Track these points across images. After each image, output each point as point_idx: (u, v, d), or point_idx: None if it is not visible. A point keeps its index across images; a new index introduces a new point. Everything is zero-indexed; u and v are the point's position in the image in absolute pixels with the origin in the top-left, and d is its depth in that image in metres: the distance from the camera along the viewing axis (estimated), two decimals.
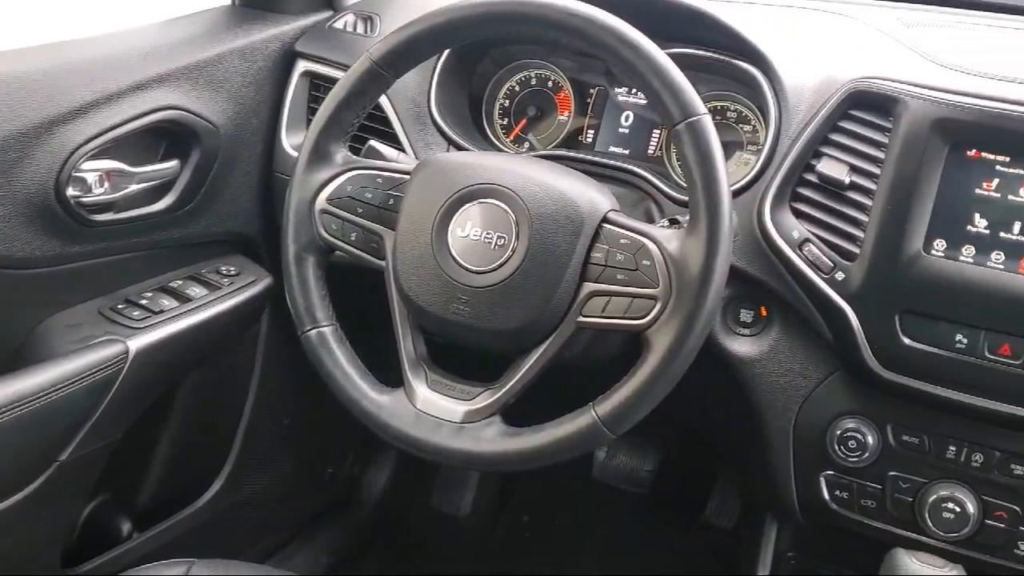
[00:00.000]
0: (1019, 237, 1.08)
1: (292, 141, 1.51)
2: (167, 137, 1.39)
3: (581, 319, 1.06)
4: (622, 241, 1.05)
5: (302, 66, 1.51)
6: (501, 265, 1.07)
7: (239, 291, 1.46)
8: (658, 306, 1.01)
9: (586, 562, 2.03)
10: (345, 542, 2.01)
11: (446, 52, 1.42)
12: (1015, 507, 1.14)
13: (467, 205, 1.09)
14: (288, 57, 1.53)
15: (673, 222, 1.20)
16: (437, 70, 1.42)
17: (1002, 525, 1.15)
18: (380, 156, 1.26)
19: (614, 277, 1.04)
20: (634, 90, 1.43)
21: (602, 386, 1.04)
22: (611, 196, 1.11)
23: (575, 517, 2.12)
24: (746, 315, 1.28)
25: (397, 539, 2.12)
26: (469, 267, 1.08)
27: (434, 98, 1.41)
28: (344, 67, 1.16)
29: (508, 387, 1.09)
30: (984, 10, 1.42)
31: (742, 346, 1.27)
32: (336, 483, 1.99)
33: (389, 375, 1.16)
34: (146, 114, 1.31)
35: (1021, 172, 1.08)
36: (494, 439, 1.07)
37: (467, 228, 1.09)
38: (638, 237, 1.04)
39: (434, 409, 1.10)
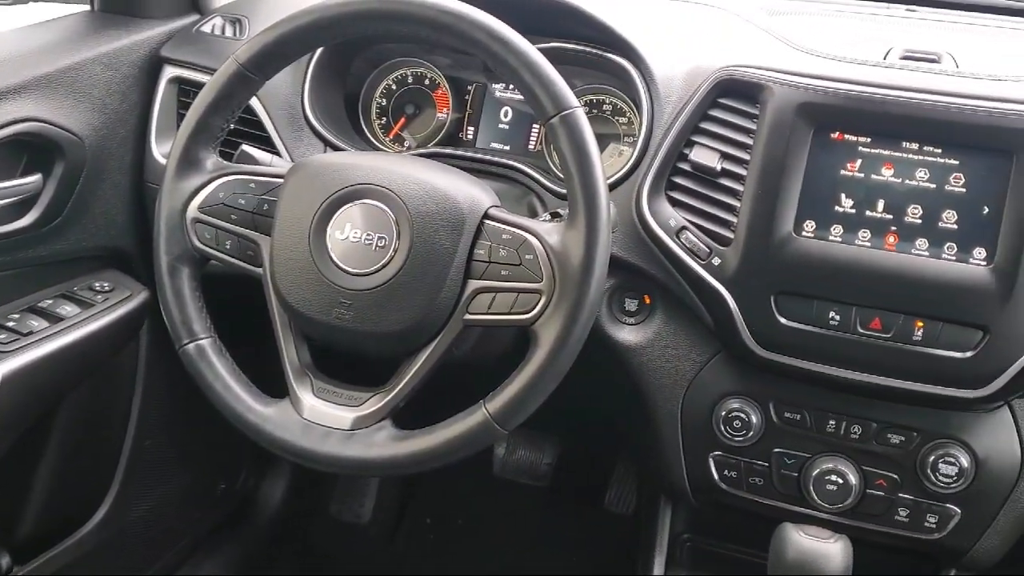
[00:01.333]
0: (883, 215, 1.12)
1: (162, 150, 1.46)
2: (27, 151, 1.32)
3: (468, 317, 1.05)
4: (504, 237, 1.05)
5: (169, 72, 1.46)
6: (383, 266, 1.05)
7: (114, 307, 1.41)
8: (543, 300, 1.02)
9: (491, 559, 2.03)
10: (245, 558, 1.96)
11: (318, 52, 1.39)
12: (893, 475, 1.19)
13: (345, 207, 1.08)
14: (154, 63, 1.48)
15: (555, 216, 1.20)
16: (310, 70, 1.39)
17: (882, 493, 1.19)
18: (253, 160, 1.23)
19: (498, 273, 1.04)
20: (511, 86, 1.44)
21: (497, 382, 1.04)
22: (492, 192, 1.11)
23: (478, 515, 2.12)
24: (631, 304, 1.29)
25: (299, 551, 2.07)
26: (350, 270, 1.06)
27: (308, 99, 1.38)
28: (213, 72, 1.12)
29: (397, 390, 1.07)
30: None
31: (628, 334, 1.29)
32: (231, 498, 1.94)
33: (277, 386, 1.13)
34: (1, 127, 1.25)
35: (882, 152, 1.12)
36: (385, 444, 1.06)
37: (346, 230, 1.07)
38: (520, 232, 1.05)
39: (322, 418, 1.08)
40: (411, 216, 1.05)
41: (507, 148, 1.44)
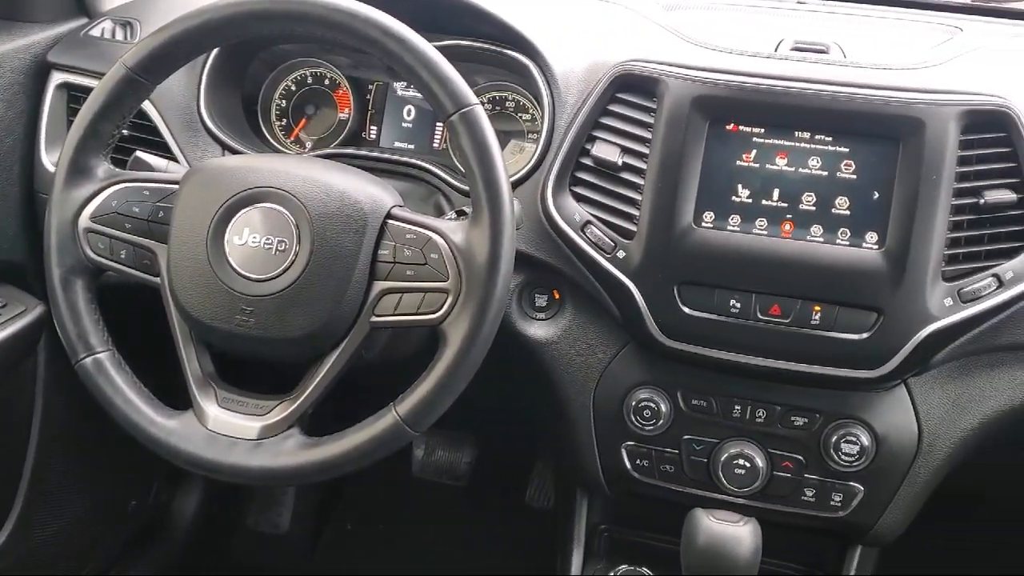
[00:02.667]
0: (779, 203, 1.15)
1: (52, 158, 1.41)
2: None
3: (374, 319, 1.04)
4: (408, 236, 1.04)
5: (57, 78, 1.41)
6: (284, 271, 1.03)
7: (7, 323, 1.36)
8: (450, 299, 1.01)
9: (414, 561, 2.01)
10: (161, 574, 1.91)
11: (213, 54, 1.36)
12: (799, 456, 1.22)
13: (243, 211, 1.05)
14: (41, 69, 1.42)
15: (461, 214, 1.20)
16: (205, 73, 1.36)
17: (788, 475, 1.22)
18: (148, 167, 1.19)
19: (404, 273, 1.04)
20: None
21: (410, 384, 1.03)
22: (394, 192, 1.10)
23: (399, 518, 2.11)
24: (540, 299, 1.30)
25: (217, 565, 2.03)
26: (250, 276, 1.04)
27: (204, 102, 1.35)
28: (102, 76, 1.09)
29: (304, 397, 1.06)
30: None
31: (539, 330, 1.30)
32: (142, 514, 1.89)
33: (182, 397, 1.10)
34: None
35: (775, 142, 1.15)
36: (293, 452, 1.04)
37: (244, 235, 1.05)
38: (424, 231, 1.04)
39: (227, 428, 1.06)
40: (311, 218, 1.03)
41: (411, 147, 1.43)
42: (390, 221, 1.05)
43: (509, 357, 1.32)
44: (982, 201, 1.10)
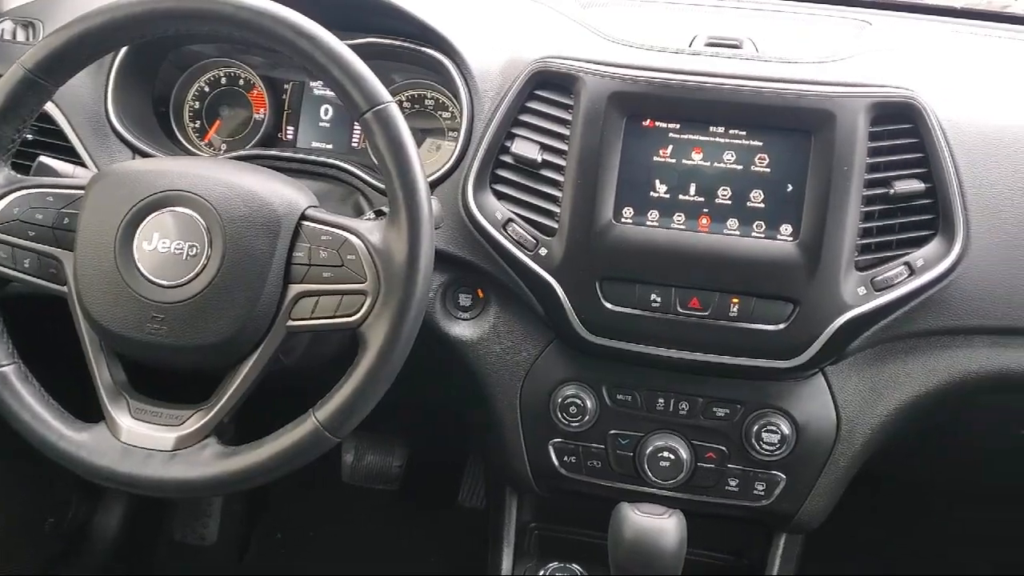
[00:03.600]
0: (695, 198, 1.16)
1: None
2: None
3: (291, 323, 1.03)
4: (323, 238, 1.02)
5: None
6: (196, 276, 1.01)
7: None
8: (368, 300, 1.00)
9: (346, 568, 1.99)
10: None
11: (121, 54, 1.32)
12: (721, 447, 1.23)
13: (152, 215, 1.03)
14: None
15: (379, 214, 1.19)
16: (113, 74, 1.32)
17: (712, 466, 1.24)
18: (53, 172, 1.16)
19: (320, 276, 1.02)
20: None
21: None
22: (309, 193, 1.08)
23: (330, 525, 2.08)
24: (464, 299, 1.29)
25: None
26: (160, 282, 1.01)
27: (112, 104, 1.31)
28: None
29: (220, 405, 1.04)
30: None
31: (464, 329, 1.29)
32: (61, 532, 1.82)
33: (95, 410, 1.07)
34: None
35: (691, 137, 1.16)
36: (210, 462, 1.02)
37: (154, 240, 1.02)
38: (340, 232, 1.02)
39: (141, 440, 1.03)
40: (223, 222, 1.01)
41: (330, 147, 1.41)
42: (304, 223, 1.03)
43: (433, 358, 1.31)
44: (892, 191, 1.12)
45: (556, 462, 1.27)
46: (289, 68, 1.42)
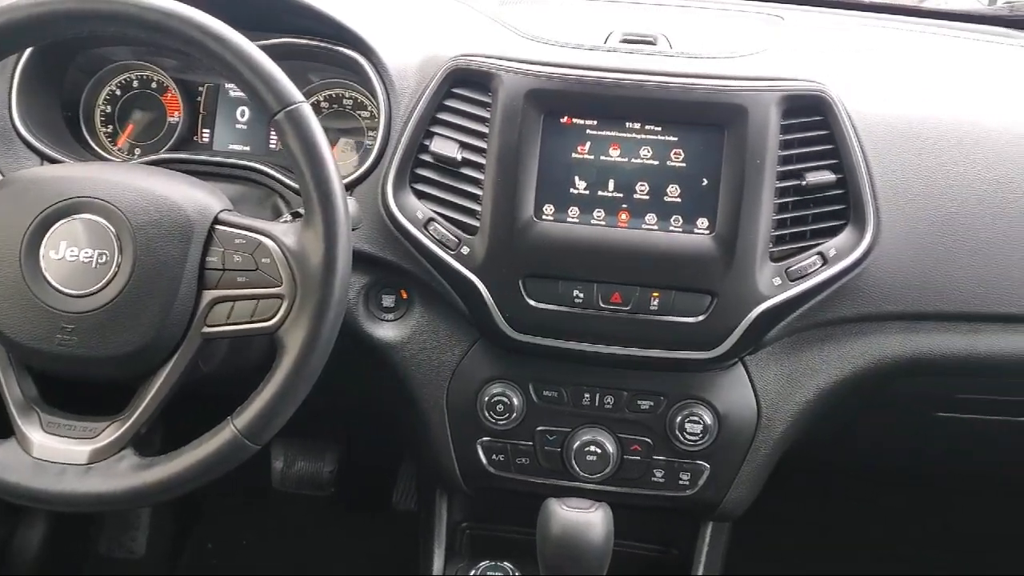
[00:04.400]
0: (614, 193, 1.17)
1: None
2: None
3: (207, 330, 1.01)
4: (237, 241, 1.01)
5: None
6: (106, 284, 0.99)
7: None
8: (285, 304, 0.99)
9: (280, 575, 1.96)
10: None
11: (25, 57, 1.28)
12: (647, 439, 1.25)
13: (59, 223, 1.00)
14: None
15: (297, 215, 1.17)
16: (16, 78, 1.28)
17: (638, 458, 1.25)
18: None
19: (234, 280, 1.01)
20: None
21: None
22: (222, 196, 1.07)
23: (263, 533, 2.05)
24: (388, 300, 1.28)
25: None
26: (69, 292, 0.99)
27: (17, 109, 1.27)
28: None
29: (136, 416, 1.02)
30: None
31: (388, 331, 1.28)
32: None
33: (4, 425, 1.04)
34: None
35: (608, 133, 1.17)
36: (127, 475, 1.00)
37: (61, 249, 0.99)
38: (254, 235, 1.01)
39: (54, 454, 1.01)
40: (132, 228, 0.99)
41: (247, 149, 1.39)
42: (218, 227, 1.01)
43: (358, 361, 1.30)
44: (804, 183, 1.14)
45: (484, 461, 1.27)
46: (204, 70, 1.39)
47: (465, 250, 1.18)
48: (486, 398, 1.24)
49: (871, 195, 1.16)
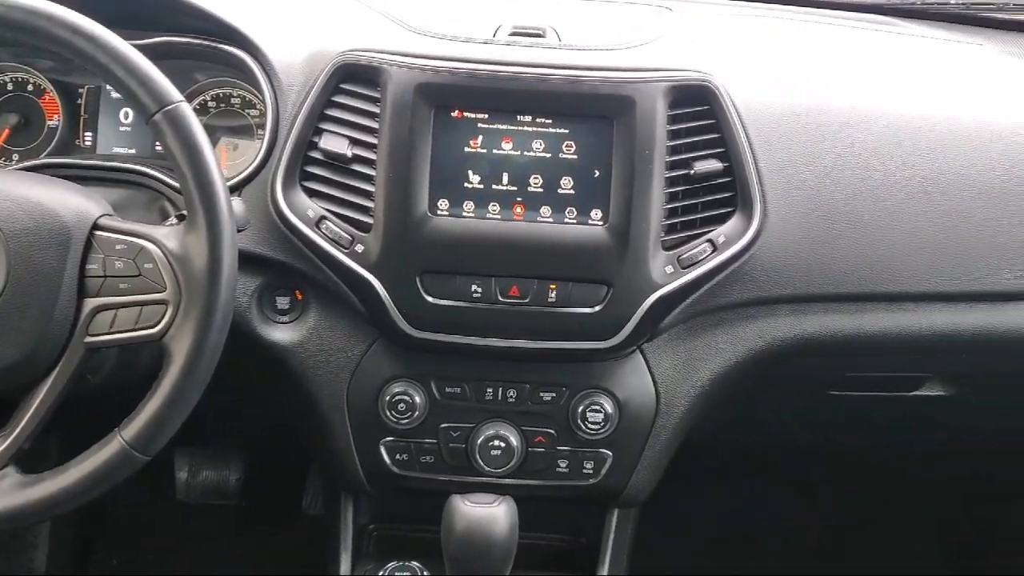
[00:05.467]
0: (508, 187, 1.17)
1: None
2: None
3: (89, 339, 0.98)
4: (119, 247, 0.98)
5: None
6: None
7: None
8: (169, 310, 0.96)
9: None
10: None
11: None
12: (550, 431, 1.25)
13: None
14: None
15: (182, 218, 1.14)
16: None
17: (543, 449, 1.25)
18: None
19: (116, 287, 0.98)
20: None
21: None
22: (102, 201, 1.03)
23: (170, 547, 1.99)
24: (282, 302, 1.26)
25: None
26: None
27: None
28: None
29: (18, 432, 0.98)
30: None
31: (283, 334, 1.26)
32: None
33: None
34: None
35: (499, 127, 1.16)
36: (9, 492, 0.96)
37: None
38: (136, 240, 0.98)
39: None
40: (5, 237, 0.95)
41: (132, 151, 1.35)
42: (97, 232, 0.98)
43: (255, 365, 1.27)
44: (692, 172, 1.16)
45: (388, 461, 1.26)
46: (83, 72, 1.35)
47: (359, 248, 1.16)
48: (387, 398, 1.23)
49: (757, 182, 1.18)
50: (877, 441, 1.71)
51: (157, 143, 1.34)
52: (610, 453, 1.25)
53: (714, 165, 1.17)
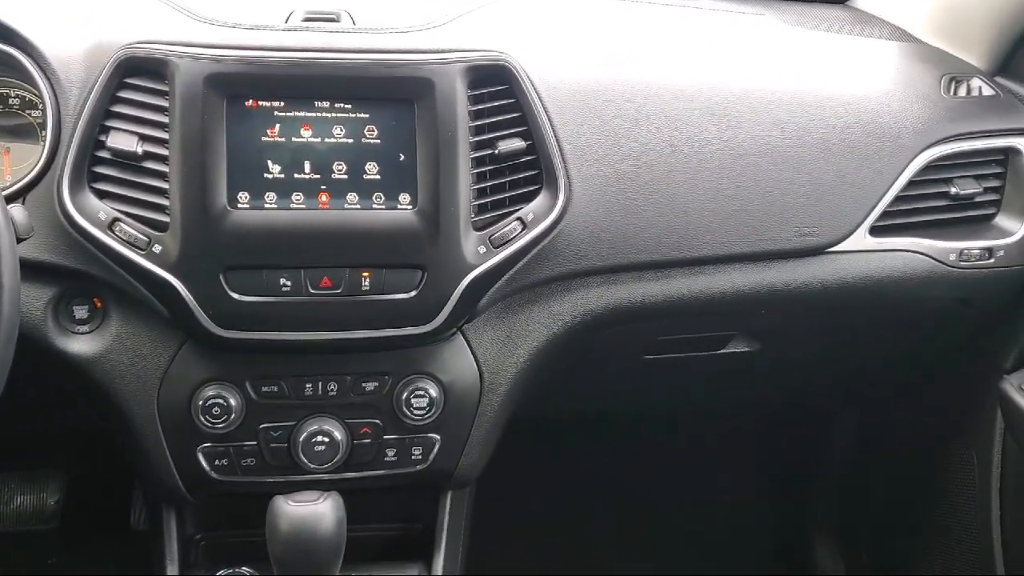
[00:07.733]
0: (311, 175, 1.14)
1: None
2: None
3: None
4: None
5: None
6: None
7: None
8: None
9: None
10: None
11: None
12: (376, 420, 1.24)
13: None
14: None
15: None
16: None
17: (368, 441, 1.24)
18: None
19: None
20: None
21: None
22: None
23: None
24: (80, 311, 1.20)
25: None
26: None
27: None
28: None
29: None
30: None
31: (84, 344, 1.19)
32: None
33: None
34: None
35: (297, 114, 1.13)
36: None
37: None
38: None
39: None
40: None
41: None
42: None
43: (55, 380, 1.20)
44: (496, 151, 1.17)
45: (207, 467, 1.21)
46: None
47: (157, 248, 1.11)
48: (200, 402, 1.19)
49: (560, 159, 1.20)
50: (693, 399, 1.78)
51: None
52: (438, 437, 1.25)
53: (517, 144, 1.18)
